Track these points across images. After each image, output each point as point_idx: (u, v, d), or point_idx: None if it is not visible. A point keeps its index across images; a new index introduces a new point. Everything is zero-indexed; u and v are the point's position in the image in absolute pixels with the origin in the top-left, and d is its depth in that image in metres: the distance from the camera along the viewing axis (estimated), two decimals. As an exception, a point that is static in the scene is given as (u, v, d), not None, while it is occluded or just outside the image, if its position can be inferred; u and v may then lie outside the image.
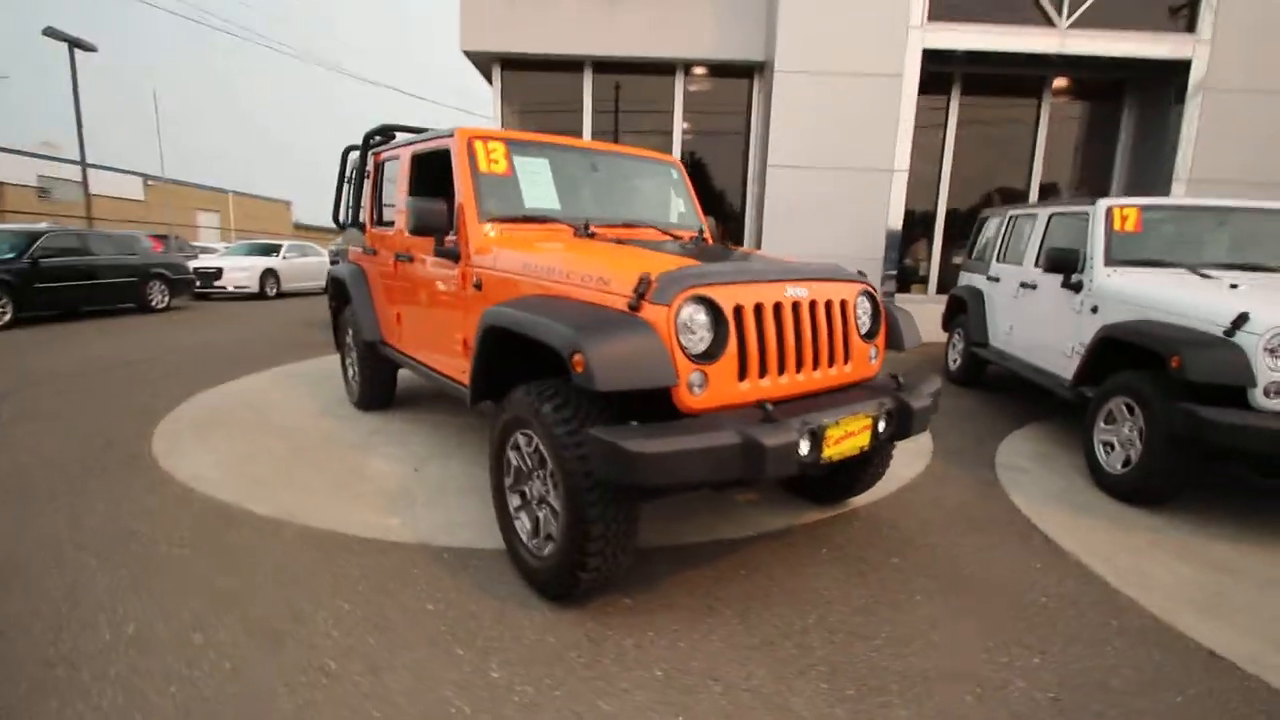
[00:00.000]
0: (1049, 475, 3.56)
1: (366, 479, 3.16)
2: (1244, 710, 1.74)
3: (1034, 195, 8.41)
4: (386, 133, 3.97)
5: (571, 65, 8.20)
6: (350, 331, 4.27)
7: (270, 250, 13.83)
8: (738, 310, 2.03)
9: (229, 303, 12.17)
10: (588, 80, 8.25)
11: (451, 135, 2.92)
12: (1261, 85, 7.18)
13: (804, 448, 1.95)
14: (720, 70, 8.24)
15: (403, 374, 4.32)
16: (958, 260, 8.59)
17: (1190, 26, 7.19)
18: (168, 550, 2.40)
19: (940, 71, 7.79)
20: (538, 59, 8.04)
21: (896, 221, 7.67)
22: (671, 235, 3.17)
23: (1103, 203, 4.05)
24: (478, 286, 2.67)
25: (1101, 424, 3.44)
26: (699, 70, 8.27)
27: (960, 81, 8.15)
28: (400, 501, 2.91)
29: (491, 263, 2.59)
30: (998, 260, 5.44)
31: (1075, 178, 8.62)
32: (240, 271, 12.60)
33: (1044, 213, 4.77)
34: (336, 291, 4.51)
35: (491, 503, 2.43)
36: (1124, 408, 3.29)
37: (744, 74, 8.23)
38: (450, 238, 2.81)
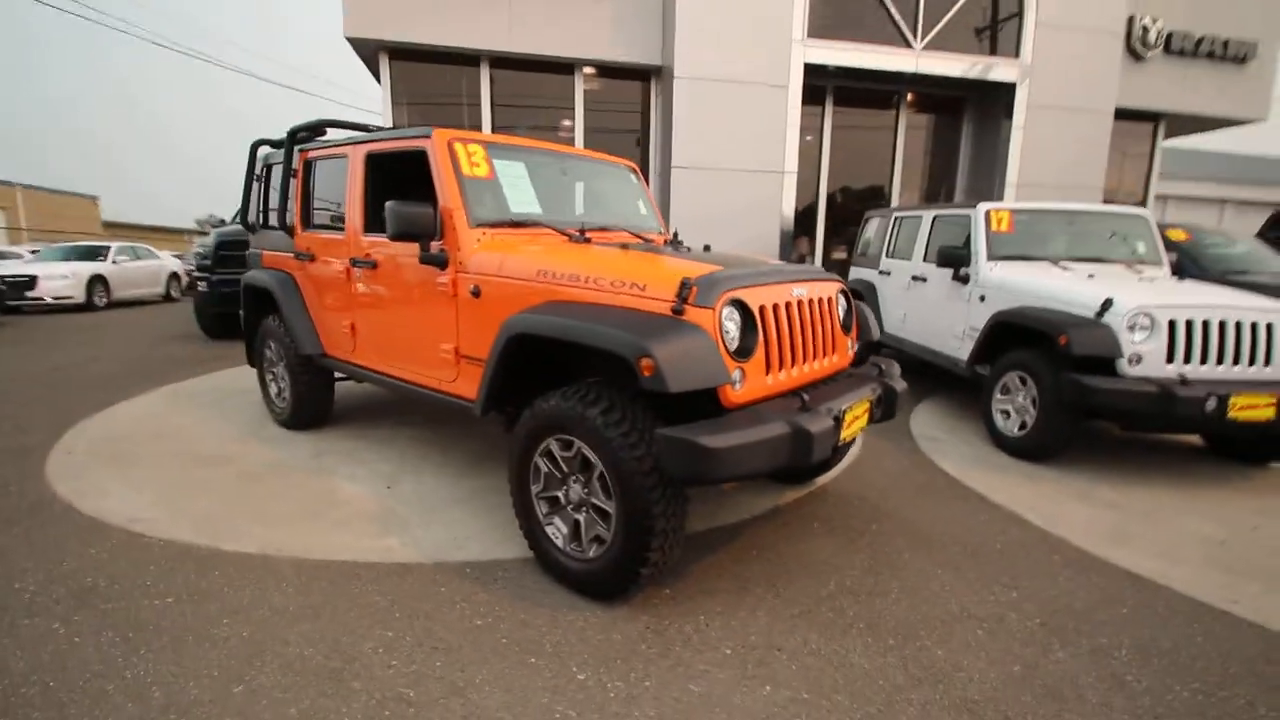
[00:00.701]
0: (959, 442, 4.13)
1: (340, 503, 2.95)
2: (1165, 612, 2.22)
3: (895, 197, 9.48)
4: (317, 129, 3.68)
5: (468, 59, 7.94)
6: (273, 345, 3.91)
7: (95, 253, 11.91)
8: (762, 310, 2.21)
9: (49, 316, 10.35)
10: (485, 75, 8.03)
11: (428, 136, 2.80)
12: (1070, 104, 8.65)
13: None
14: (619, 72, 8.38)
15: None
16: (837, 255, 9.51)
17: (1016, 53, 8.49)
18: (147, 603, 2.12)
19: (817, 84, 8.52)
20: (430, 50, 7.69)
21: (789, 220, 8.30)
22: (642, 237, 3.27)
23: (981, 206, 4.74)
24: (475, 293, 2.61)
25: (999, 395, 4.06)
26: (597, 70, 8.35)
27: (832, 93, 8.96)
28: (390, 522, 2.77)
29: (495, 268, 2.55)
30: (887, 256, 6.12)
31: (926, 181, 9.83)
32: (60, 280, 10.75)
33: (928, 214, 5.46)
34: (255, 301, 4.10)
35: (483, 512, 2.41)
36: (1018, 380, 3.91)
37: (642, 76, 8.45)
38: (436, 243, 2.71)
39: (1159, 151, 10.34)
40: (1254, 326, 3.39)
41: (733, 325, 2.11)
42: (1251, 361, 3.38)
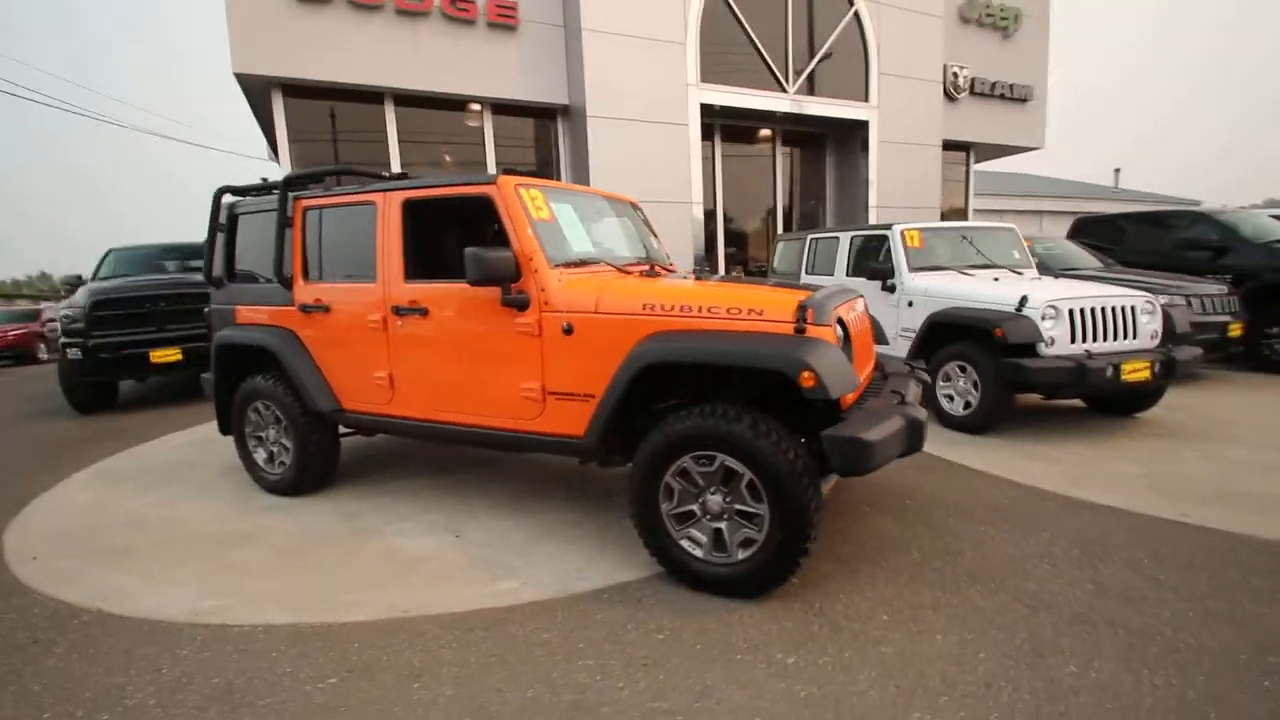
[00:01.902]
0: (916, 427, 4.83)
1: (420, 559, 2.85)
2: (1148, 531, 2.90)
3: (779, 217, 10.57)
4: (316, 178, 3.50)
5: (370, 96, 7.66)
6: (265, 407, 3.60)
7: None
8: (848, 324, 2.59)
9: None
10: (390, 112, 7.79)
11: (493, 182, 2.86)
12: (909, 139, 10.26)
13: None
14: (526, 110, 8.55)
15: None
16: (734, 273, 10.34)
17: (866, 97, 9.92)
18: (311, 688, 1.97)
19: (706, 122, 9.32)
20: (329, 87, 7.33)
21: (700, 243, 8.95)
22: (666, 269, 3.54)
23: (897, 228, 5.59)
24: (567, 331, 2.71)
25: (941, 383, 4.83)
26: (506, 108, 8.44)
27: (720, 130, 9.83)
28: (492, 568, 2.74)
29: (589, 305, 2.67)
30: (806, 273, 6.88)
31: (801, 204, 11.06)
32: None
33: (846, 235, 6.28)
34: (232, 362, 3.73)
35: (572, 543, 2.53)
36: (958, 368, 4.69)
37: (548, 115, 8.68)
38: (515, 285, 2.77)
39: (972, 175, 12.53)
40: (1123, 310, 4.42)
41: (841, 339, 2.46)
42: (1126, 336, 4.41)
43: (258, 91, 7.30)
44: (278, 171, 12.94)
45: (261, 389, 3.59)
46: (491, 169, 8.39)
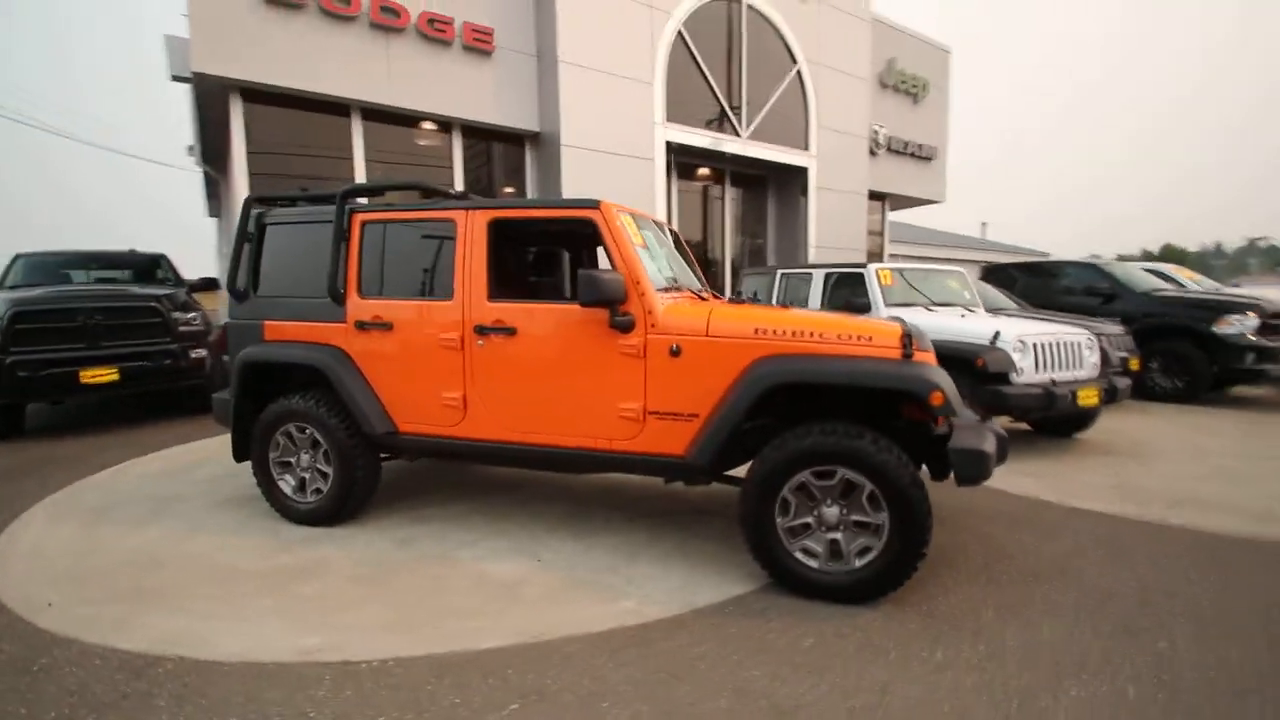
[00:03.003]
0: (902, 448, 5.27)
1: (513, 583, 2.77)
2: (1146, 533, 3.39)
3: (727, 254, 11.12)
4: (375, 192, 3.37)
5: (336, 108, 7.34)
6: (302, 430, 3.36)
7: None
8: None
9: None
10: (357, 126, 7.49)
11: (596, 207, 2.93)
12: (841, 187, 11.23)
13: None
14: (496, 135, 8.51)
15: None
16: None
17: (806, 146, 10.77)
18: (492, 715, 1.89)
19: (668, 159, 9.72)
20: (295, 95, 6.96)
21: (662, 276, 9.22)
22: (702, 296, 3.68)
23: (872, 267, 6.14)
24: (675, 352, 2.80)
25: (922, 408, 5.32)
26: (476, 131, 8.36)
27: (675, 167, 10.26)
28: (599, 590, 2.72)
29: (698, 329, 2.78)
30: (776, 303, 7.32)
31: (749, 239, 11.70)
32: None
33: (820, 272, 6.78)
34: (260, 381, 3.46)
35: (667, 561, 2.64)
36: (939, 395, 5.20)
37: (518, 141, 8.69)
38: (622, 307, 2.83)
39: (888, 223, 13.84)
40: (1074, 344, 5.13)
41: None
42: (1075, 367, 5.11)
43: (213, 94, 6.79)
44: (196, 175, 11.84)
45: (299, 410, 3.34)
46: (460, 186, 8.24)
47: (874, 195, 12.73)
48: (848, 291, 6.35)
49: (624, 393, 2.90)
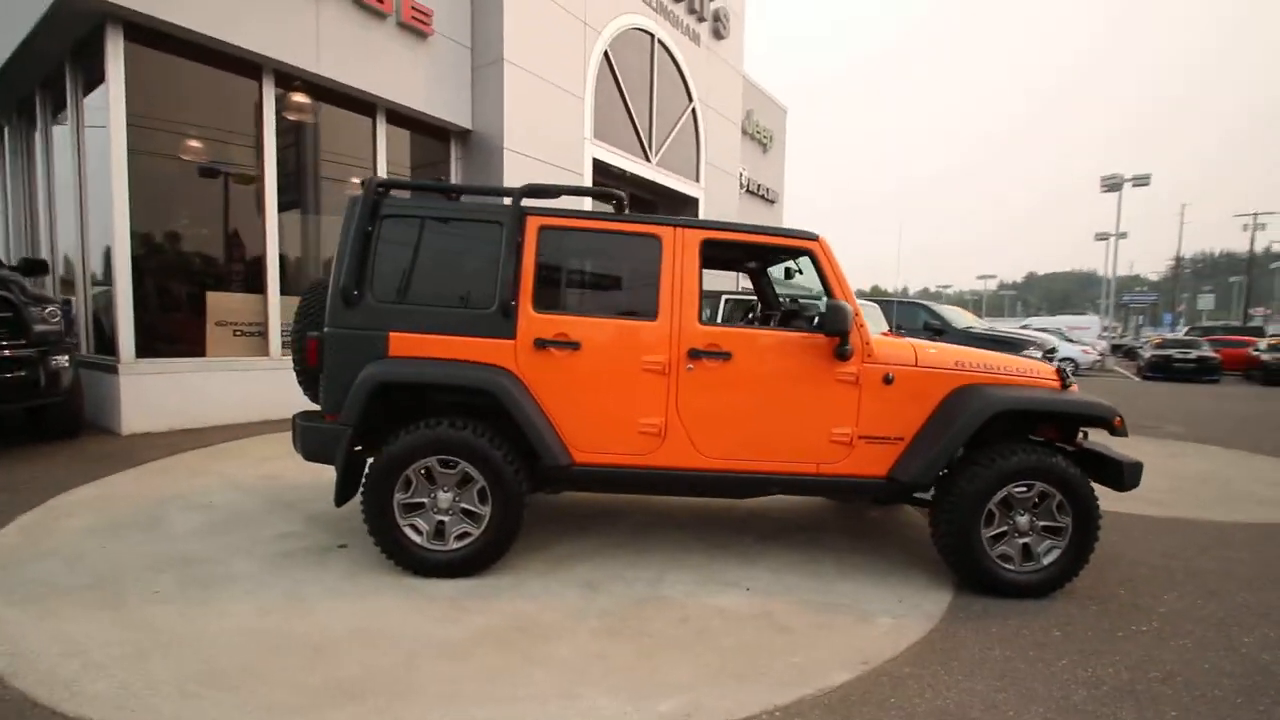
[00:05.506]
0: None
1: (764, 615, 2.69)
2: (1147, 526, 4.47)
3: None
4: (556, 193, 2.98)
5: (247, 67, 6.00)
6: (447, 464, 2.83)
7: None
8: (1043, 381, 3.52)
9: None
10: (269, 92, 6.19)
11: (816, 239, 3.01)
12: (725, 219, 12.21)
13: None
14: (422, 125, 7.66)
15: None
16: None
17: (698, 179, 11.54)
18: (945, 741, 1.91)
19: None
20: (198, 41, 5.56)
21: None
22: None
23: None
24: (888, 381, 3.01)
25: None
26: (401, 119, 7.44)
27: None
28: (840, 612, 2.78)
29: (910, 360, 3.03)
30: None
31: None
32: None
33: (722, 299, 7.44)
34: (385, 407, 2.82)
35: (863, 577, 2.95)
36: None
37: (443, 136, 7.92)
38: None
39: (741, 254, 15.31)
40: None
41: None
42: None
43: (80, 23, 5.09)
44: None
45: (452, 441, 2.80)
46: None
47: (735, 229, 14.04)
48: (742, 314, 7.09)
49: (838, 418, 3.02)
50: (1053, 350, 10.00)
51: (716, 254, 3.19)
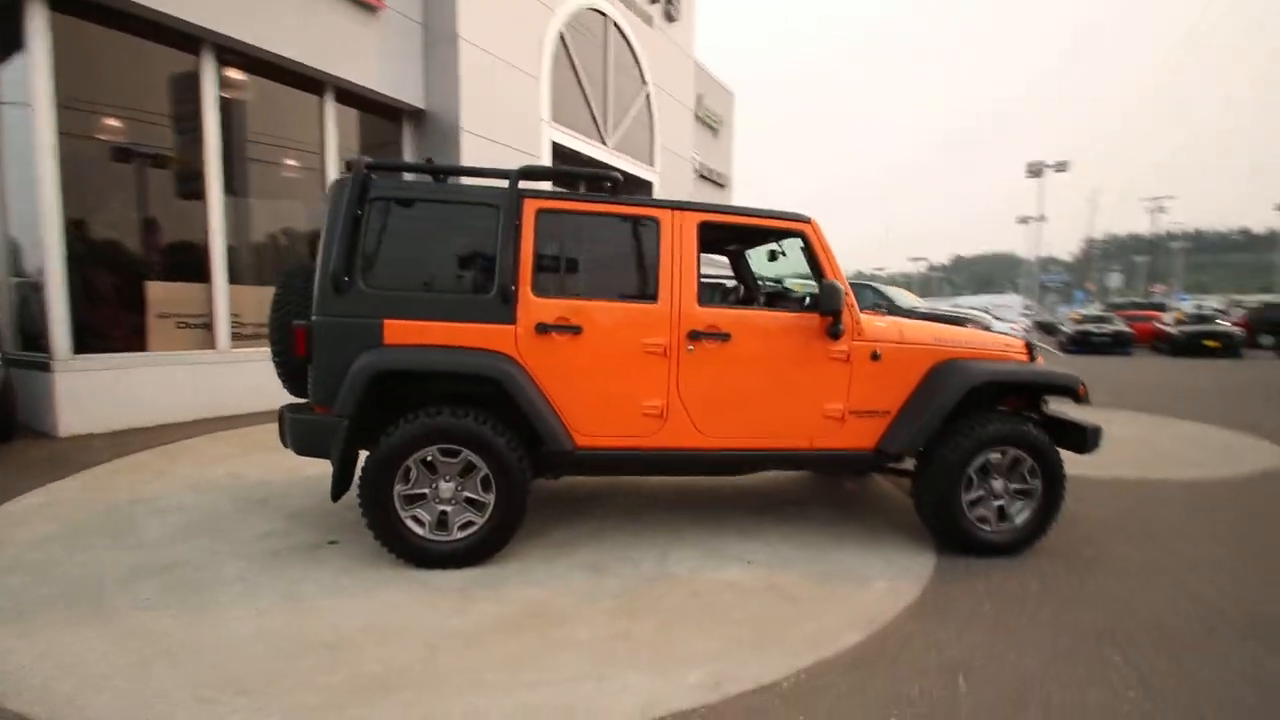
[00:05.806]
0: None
1: (769, 587, 2.79)
2: (1117, 487, 4.82)
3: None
4: (553, 175, 2.93)
5: (184, 41, 5.58)
6: (449, 453, 2.78)
7: None
8: (1009, 355, 3.74)
9: None
10: (209, 69, 5.78)
11: (808, 221, 3.08)
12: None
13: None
14: (373, 104, 7.33)
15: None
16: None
17: (652, 163, 11.52)
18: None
19: (537, 156, 9.52)
20: (130, 12, 5.14)
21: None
22: None
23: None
24: (875, 358, 3.13)
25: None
26: (351, 97, 7.10)
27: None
28: (839, 581, 2.90)
29: (896, 337, 3.16)
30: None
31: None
32: None
33: None
34: (377, 397, 2.74)
35: (870, 555, 3.13)
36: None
37: (394, 115, 7.61)
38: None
39: (694, 239, 15.43)
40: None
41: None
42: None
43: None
44: None
45: (454, 429, 2.75)
46: (332, 159, 6.91)
47: (688, 214, 14.13)
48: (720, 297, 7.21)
49: (831, 394, 3.13)
50: (987, 328, 10.58)
51: (704, 235, 3.22)
